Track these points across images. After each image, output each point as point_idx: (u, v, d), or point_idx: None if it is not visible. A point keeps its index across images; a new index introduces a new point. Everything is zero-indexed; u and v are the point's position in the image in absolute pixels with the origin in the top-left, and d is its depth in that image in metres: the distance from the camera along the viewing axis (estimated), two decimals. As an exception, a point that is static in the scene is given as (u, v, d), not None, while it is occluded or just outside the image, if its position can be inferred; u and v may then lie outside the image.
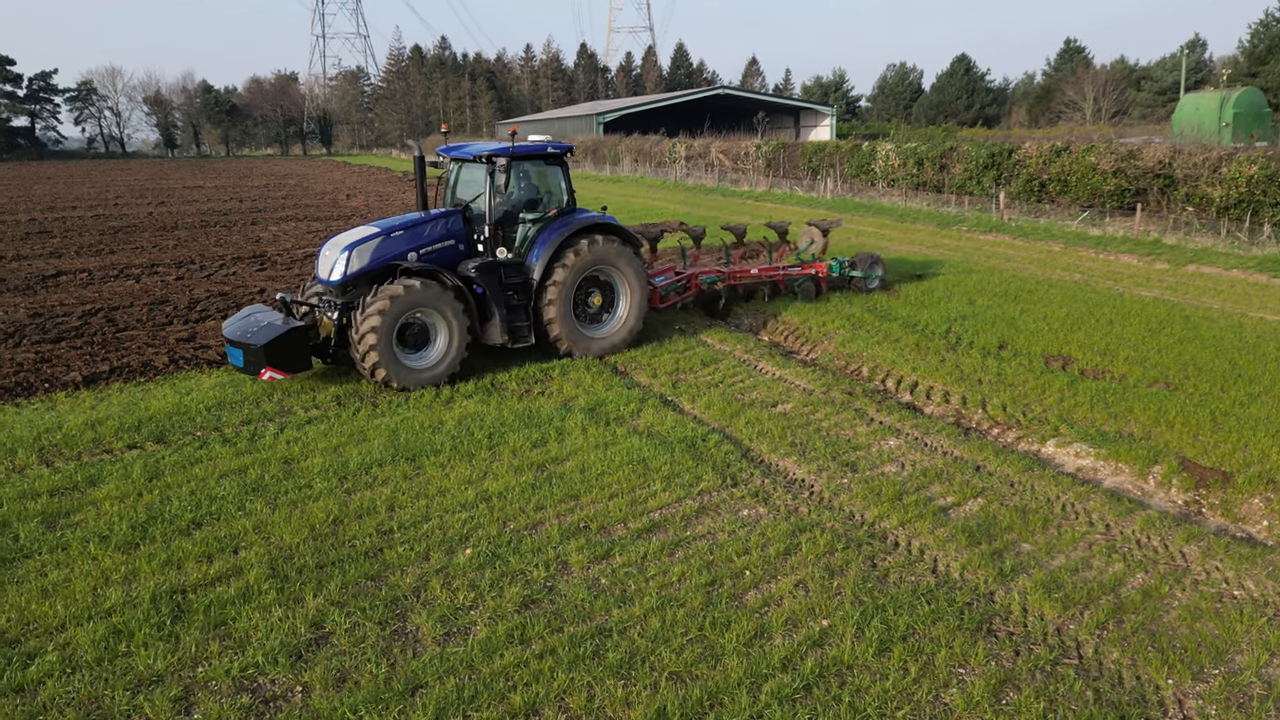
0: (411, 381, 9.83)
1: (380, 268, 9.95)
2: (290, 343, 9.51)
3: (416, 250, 10.25)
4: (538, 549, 6.36)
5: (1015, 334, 11.88)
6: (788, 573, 6.04)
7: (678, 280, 13.51)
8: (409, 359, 9.91)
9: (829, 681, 4.87)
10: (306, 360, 9.72)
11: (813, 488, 7.51)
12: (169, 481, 7.46)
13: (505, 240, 10.87)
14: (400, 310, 9.57)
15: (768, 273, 14.37)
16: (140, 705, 4.67)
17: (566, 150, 11.29)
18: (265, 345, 9.35)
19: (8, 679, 4.83)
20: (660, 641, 5.24)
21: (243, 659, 5.04)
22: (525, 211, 11.05)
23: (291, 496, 7.18)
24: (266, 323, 9.79)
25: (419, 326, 9.94)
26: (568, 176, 11.39)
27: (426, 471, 7.74)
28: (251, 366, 9.52)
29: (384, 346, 9.50)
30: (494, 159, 10.44)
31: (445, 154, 11.31)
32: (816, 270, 14.60)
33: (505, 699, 4.75)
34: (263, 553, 6.24)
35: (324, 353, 9.99)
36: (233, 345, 9.71)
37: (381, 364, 9.53)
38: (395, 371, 9.66)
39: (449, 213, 10.69)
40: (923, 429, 8.84)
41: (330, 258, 10.04)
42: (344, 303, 9.89)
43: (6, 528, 6.62)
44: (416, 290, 9.65)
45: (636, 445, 8.21)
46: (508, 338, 10.58)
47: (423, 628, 5.41)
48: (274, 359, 9.41)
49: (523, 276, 10.72)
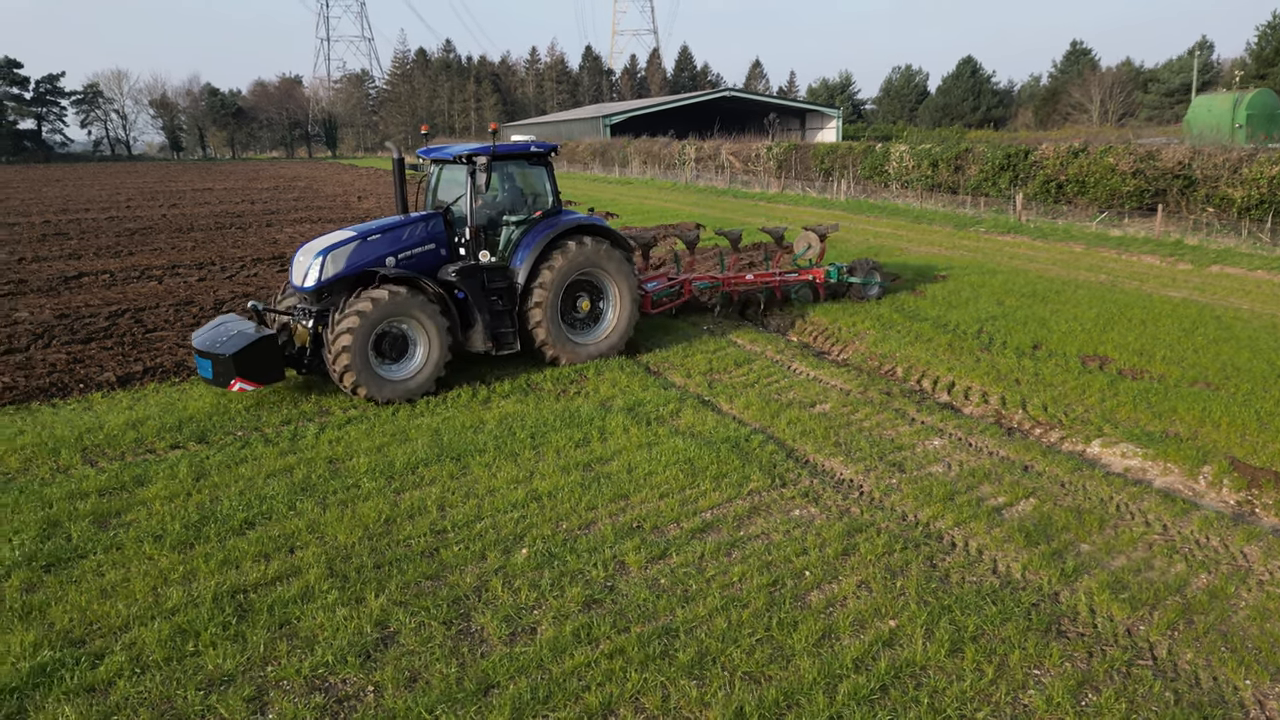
0: (389, 394, 9.34)
1: (356, 273, 9.51)
2: (261, 352, 9.04)
3: (395, 255, 9.81)
4: (593, 549, 6.32)
5: (1048, 334, 11.83)
6: (848, 573, 5.99)
7: (671, 285, 13.23)
8: (386, 370, 9.43)
9: (904, 682, 4.82)
10: (279, 371, 9.29)
11: (861, 488, 7.46)
12: (216, 481, 7.44)
13: (489, 243, 10.46)
14: (376, 319, 9.12)
15: (764, 279, 13.95)
16: (214, 705, 4.63)
17: (550, 150, 10.92)
18: (234, 355, 8.84)
19: (77, 679, 4.80)
20: (729, 642, 5.19)
21: (312, 659, 5.00)
22: (509, 214, 10.67)
23: (341, 496, 7.15)
24: (236, 332, 9.29)
25: (397, 336, 9.46)
26: (553, 177, 11.03)
27: (473, 471, 7.70)
28: (220, 378, 9.02)
29: (359, 358, 9.06)
30: (474, 159, 10.03)
31: (425, 156, 10.99)
32: (814, 276, 14.21)
33: (579, 699, 4.71)
34: (319, 552, 6.21)
35: (299, 363, 9.54)
36: (201, 356, 9.19)
37: (356, 376, 9.08)
38: (371, 384, 9.20)
39: (429, 215, 10.32)
40: (965, 429, 8.79)
41: (304, 263, 9.59)
42: (318, 310, 9.44)
43: (58, 528, 6.59)
44: (393, 298, 9.18)
45: (681, 445, 8.17)
46: (491, 345, 10.16)
47: (487, 627, 5.37)
48: (244, 369, 8.93)
49: (507, 281, 10.30)
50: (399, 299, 9.24)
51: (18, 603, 5.56)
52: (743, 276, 13.87)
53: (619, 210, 30.00)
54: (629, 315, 11.23)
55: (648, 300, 12.44)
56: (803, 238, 15.39)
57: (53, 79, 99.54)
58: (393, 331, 9.42)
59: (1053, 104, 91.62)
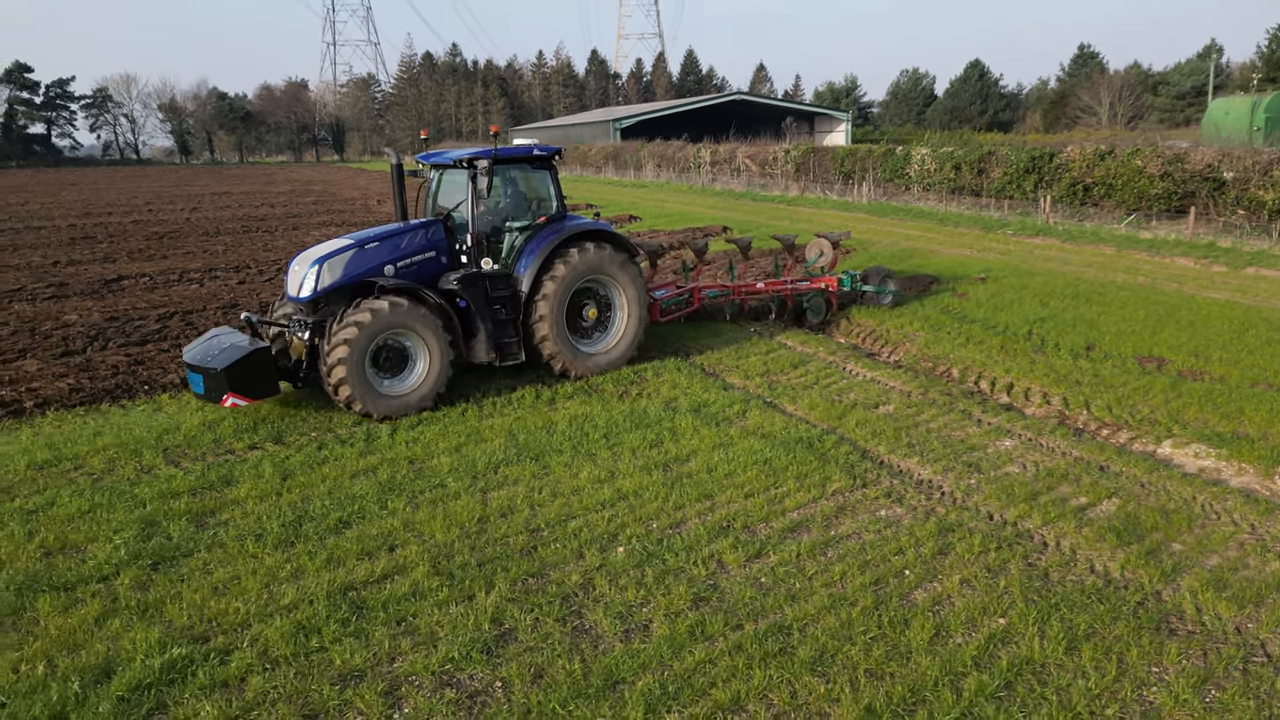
0: (389, 410, 8.98)
1: (354, 283, 9.21)
2: (254, 366, 8.64)
3: (394, 263, 9.50)
4: (689, 547, 6.37)
5: (1100, 336, 11.86)
6: (948, 572, 6.03)
7: (680, 293, 12.93)
8: (385, 385, 9.08)
9: (1028, 680, 4.86)
10: (273, 385, 8.91)
11: (942, 488, 7.50)
12: (303, 481, 7.50)
13: (491, 250, 10.12)
14: (374, 332, 8.79)
15: (775, 287, 13.61)
16: (350, 699, 4.69)
17: (554, 154, 10.60)
18: (226, 369, 8.47)
19: (209, 675, 4.86)
20: (844, 640, 5.24)
21: (437, 655, 5.05)
22: (512, 219, 10.35)
23: (430, 496, 7.21)
24: (229, 345, 8.92)
25: (396, 349, 9.11)
26: (557, 181, 10.68)
27: (554, 471, 7.76)
28: (212, 393, 8.66)
29: (355, 372, 8.72)
30: (475, 163, 9.71)
31: (424, 161, 10.66)
32: (826, 285, 13.76)
33: (707, 694, 4.75)
34: (420, 551, 6.26)
35: (294, 376, 9.23)
36: (193, 370, 8.82)
37: (353, 391, 8.74)
38: (369, 399, 8.85)
39: (429, 222, 10.01)
40: (1034, 430, 8.83)
41: (299, 273, 9.27)
42: (315, 322, 9.09)
43: (157, 526, 6.66)
44: (392, 310, 8.85)
45: (756, 446, 8.22)
46: (495, 355, 9.83)
47: (601, 624, 5.42)
48: (236, 384, 8.54)
49: (510, 289, 9.96)
50: (398, 311, 8.90)
51: (133, 600, 5.62)
52: (753, 285, 13.62)
53: (640, 213, 30.08)
54: (637, 324, 10.89)
55: (656, 308, 12.21)
56: (814, 245, 15.01)
57: (63, 83, 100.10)
58: (392, 345, 9.07)
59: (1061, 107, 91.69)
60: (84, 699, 4.64)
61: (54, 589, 5.73)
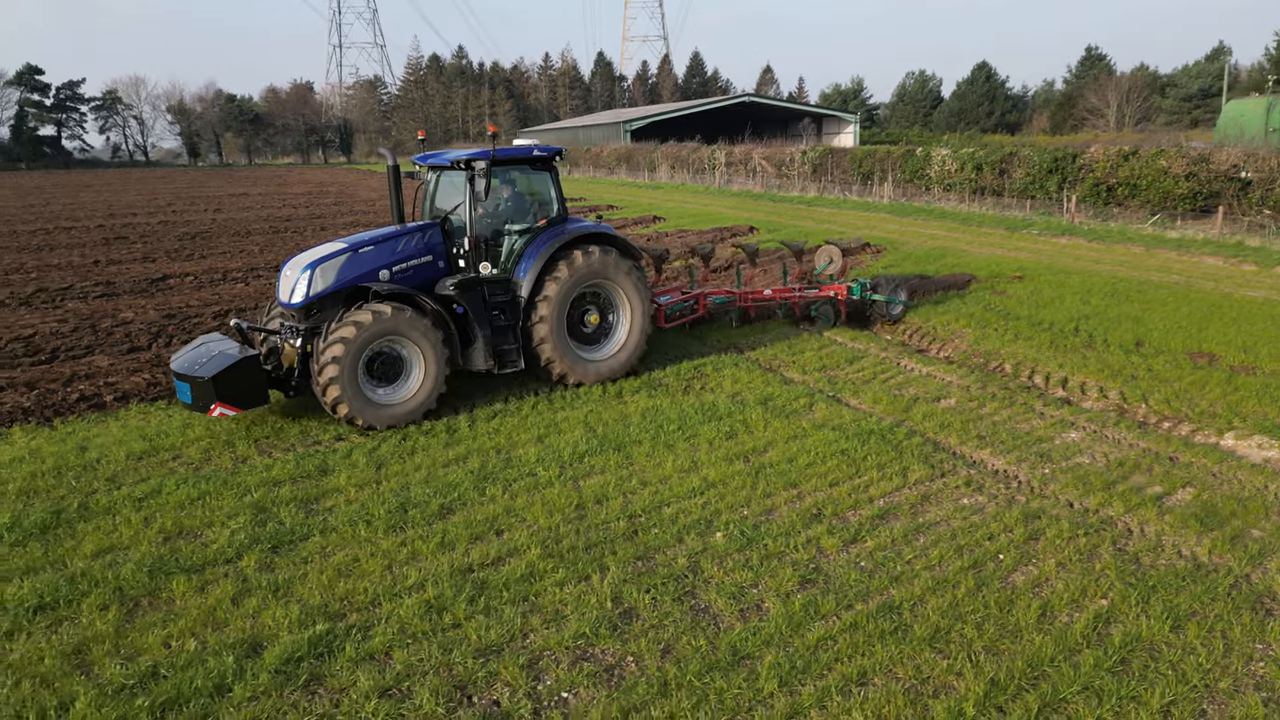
0: (382, 420, 8.69)
1: (348, 288, 8.93)
2: (241, 374, 8.36)
3: (389, 268, 9.22)
4: (785, 533, 6.56)
5: (1148, 332, 12.06)
6: (1042, 556, 6.22)
7: (685, 300, 12.76)
8: (379, 394, 8.80)
9: (1141, 655, 5.05)
10: (262, 394, 8.61)
11: (1018, 478, 7.69)
12: (396, 470, 7.71)
13: (490, 254, 9.82)
14: (367, 340, 8.52)
15: (782, 294, 13.41)
16: (494, 671, 4.89)
17: (554, 154, 10.27)
18: (213, 378, 8.19)
19: (355, 649, 5.06)
20: (954, 619, 5.43)
21: (569, 631, 5.26)
22: (511, 223, 10.03)
23: (523, 484, 7.41)
24: (218, 353, 8.66)
25: (390, 357, 8.84)
26: (558, 183, 10.40)
27: (637, 461, 7.96)
28: (200, 403, 8.35)
29: (348, 381, 8.43)
30: (472, 164, 9.38)
31: (421, 162, 10.35)
32: (835, 292, 13.40)
33: (832, 669, 4.95)
34: (528, 535, 6.46)
35: (286, 385, 8.94)
36: (180, 379, 8.54)
37: (345, 400, 8.44)
38: (361, 409, 8.56)
39: (426, 226, 9.71)
40: (1098, 423, 9.02)
41: (291, 278, 9.01)
42: (307, 328, 8.86)
43: (267, 512, 6.87)
44: (385, 317, 8.56)
45: (830, 437, 8.42)
46: (493, 363, 9.51)
47: (716, 603, 5.62)
48: (224, 393, 8.27)
49: (509, 294, 9.70)
50: (391, 319, 8.61)
51: (262, 581, 5.83)
52: (760, 292, 13.43)
53: (663, 214, 30.29)
54: (641, 330, 10.55)
55: (661, 314, 11.97)
56: (824, 251, 14.67)
57: (73, 85, 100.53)
58: (386, 352, 8.81)
59: (1068, 109, 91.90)
60: (240, 671, 4.84)
61: (184, 571, 5.94)
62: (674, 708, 4.60)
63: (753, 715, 4.56)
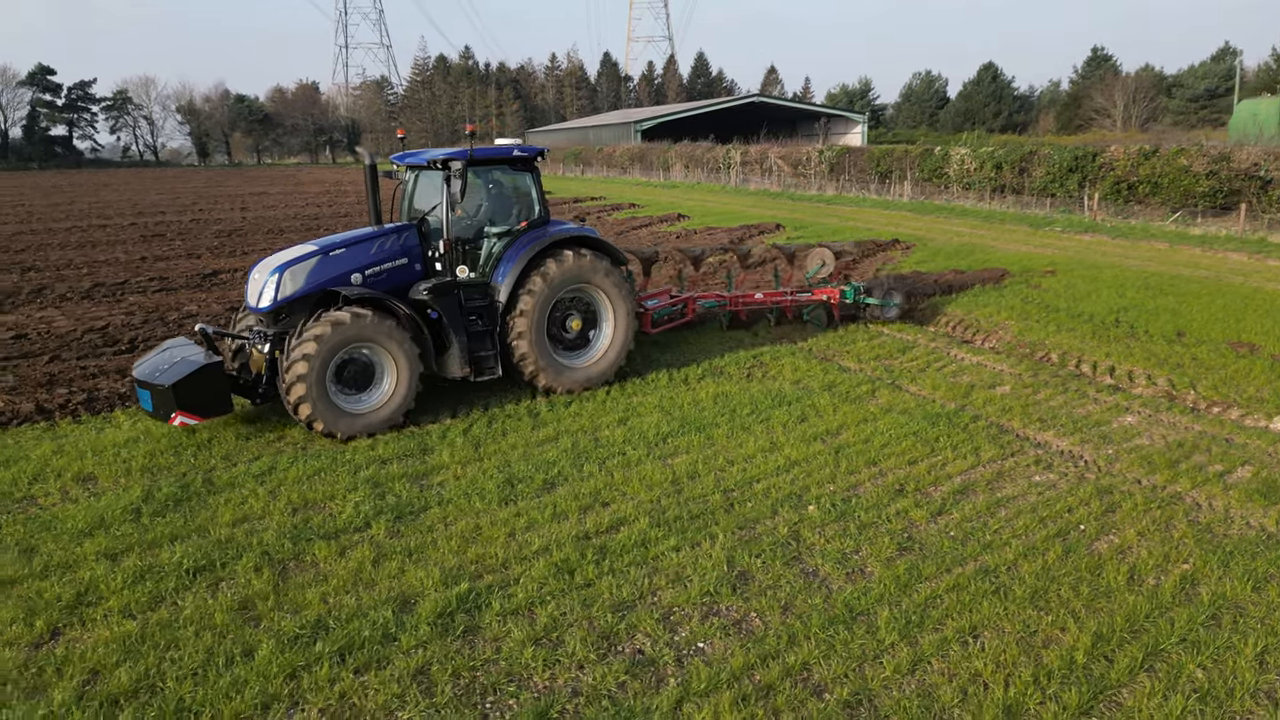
0: (352, 429, 8.39)
1: (317, 292, 8.65)
2: (202, 382, 8.05)
3: (362, 271, 8.91)
4: (874, 506, 6.95)
5: (1187, 323, 12.44)
6: (1121, 526, 6.61)
7: (674, 304, 12.46)
8: (349, 402, 8.50)
9: (1230, 613, 5.44)
10: (225, 402, 8.32)
11: (1084, 458, 8.08)
12: (493, 449, 8.12)
13: (469, 257, 9.50)
14: (336, 346, 8.23)
15: (774, 298, 13.17)
16: (633, 624, 5.29)
17: (536, 154, 9.99)
18: (173, 385, 7.91)
19: (502, 604, 5.46)
20: (1049, 580, 5.82)
21: (694, 589, 5.65)
22: (491, 225, 9.72)
23: (616, 461, 7.81)
24: (180, 359, 8.36)
25: (362, 364, 8.56)
26: (539, 184, 10.10)
27: (718, 441, 8.35)
28: (160, 411, 8.08)
29: (315, 389, 8.13)
30: (448, 164, 9.10)
31: (399, 161, 10.11)
32: (829, 296, 13.22)
33: (944, 624, 5.34)
34: (631, 507, 6.86)
35: (254, 391, 8.70)
36: (140, 386, 8.28)
37: (312, 409, 8.15)
38: (329, 417, 8.25)
39: (402, 227, 9.39)
40: (1151, 407, 9.40)
41: (259, 281, 8.73)
42: (275, 333, 8.59)
43: (383, 487, 7.27)
44: (355, 322, 8.28)
45: (900, 420, 8.81)
46: (470, 370, 9.22)
47: (823, 567, 6.01)
48: (184, 401, 7.98)
49: (487, 299, 9.42)
50: (362, 323, 8.33)
51: (396, 546, 6.23)
52: (751, 296, 13.23)
53: (686, 212, 30.68)
54: (625, 336, 10.24)
55: (647, 319, 11.70)
56: (815, 254, 14.49)
57: (84, 85, 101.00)
58: (357, 359, 8.54)
59: (1074, 109, 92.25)
60: (400, 623, 5.24)
61: (321, 537, 6.33)
62: (806, 655, 4.99)
63: (880, 663, 4.95)
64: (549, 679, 4.80)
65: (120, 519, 6.62)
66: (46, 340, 12.10)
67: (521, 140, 11.47)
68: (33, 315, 13.98)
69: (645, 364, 11.13)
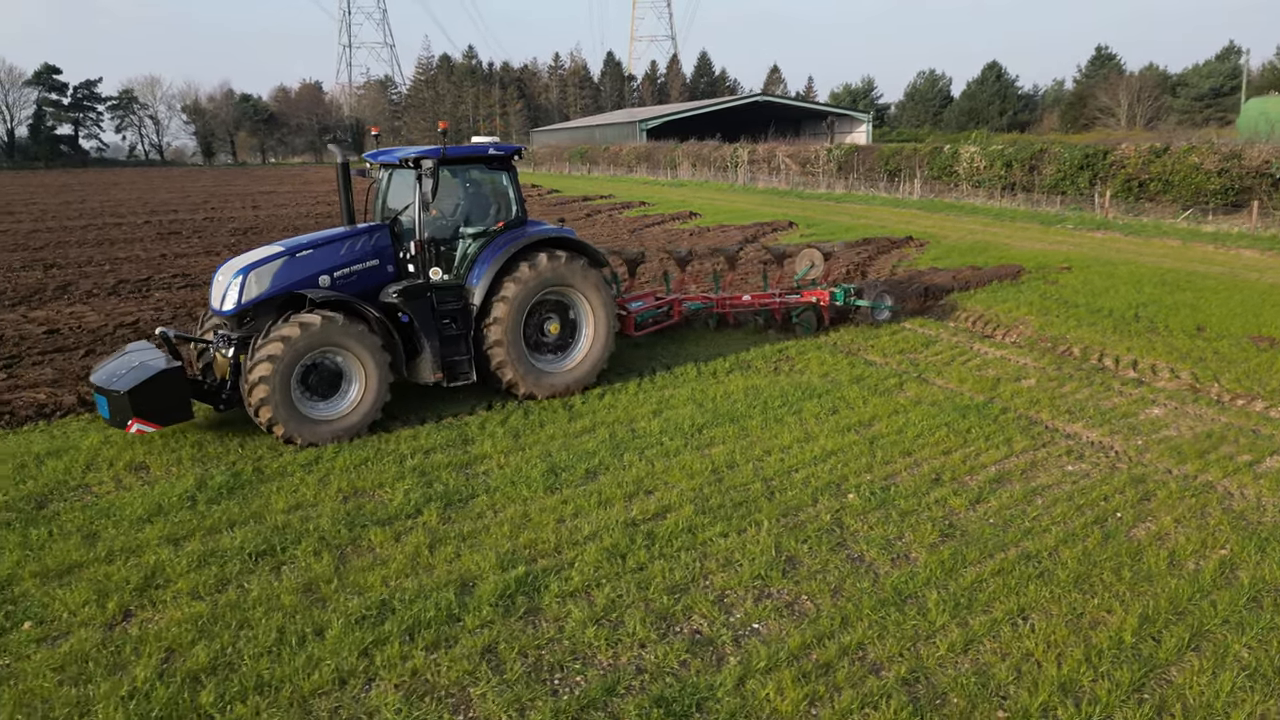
0: (314, 436, 8.12)
1: (284, 294, 8.40)
2: (160, 388, 7.82)
3: (330, 273, 8.63)
4: (913, 494, 7.08)
5: (1206, 318, 12.56)
6: (1157, 513, 6.74)
7: (658, 306, 12.23)
8: (315, 408, 8.24)
9: (1270, 594, 5.55)
10: (184, 408, 8.07)
11: (1114, 448, 8.20)
12: (532, 440, 8.26)
13: (443, 259, 9.19)
14: (301, 351, 7.98)
15: (762, 300, 12.94)
16: (688, 605, 5.42)
17: (513, 153, 9.71)
18: (129, 392, 7.68)
19: (559, 586, 5.60)
20: (1090, 565, 5.94)
21: (745, 573, 5.78)
22: (466, 225, 9.42)
23: (655, 451, 7.94)
24: (139, 364, 8.12)
25: (329, 369, 8.29)
26: (516, 183, 9.78)
27: (752, 432, 8.48)
28: (117, 418, 7.86)
29: (279, 396, 7.88)
30: (420, 162, 8.85)
31: (372, 159, 9.91)
32: (818, 298, 12.93)
33: (992, 607, 5.46)
34: (677, 495, 6.99)
35: (217, 397, 8.40)
36: (98, 393, 8.06)
37: (274, 413, 7.89)
38: (292, 423, 8.00)
39: (373, 228, 9.16)
40: (1177, 399, 9.53)
41: (222, 283, 8.50)
42: (240, 337, 8.28)
43: (429, 475, 7.42)
44: (318, 327, 8.02)
45: (930, 412, 8.94)
46: (442, 375, 9.00)
47: (868, 553, 6.14)
48: (141, 408, 7.72)
49: (461, 301, 9.13)
50: (327, 328, 8.07)
51: (450, 532, 6.37)
52: (738, 297, 13.03)
53: (697, 210, 30.81)
54: (605, 340, 9.98)
55: (630, 322, 11.46)
56: (804, 255, 14.29)
57: (90, 84, 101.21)
58: (324, 364, 8.27)
59: (1079, 108, 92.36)
60: (463, 604, 5.38)
61: (375, 524, 6.48)
62: (860, 636, 5.12)
63: (933, 643, 5.08)
64: (612, 657, 4.94)
65: (177, 506, 6.77)
66: (80, 335, 12.26)
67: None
68: (62, 311, 14.15)
69: (675, 357, 11.26)
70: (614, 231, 25.16)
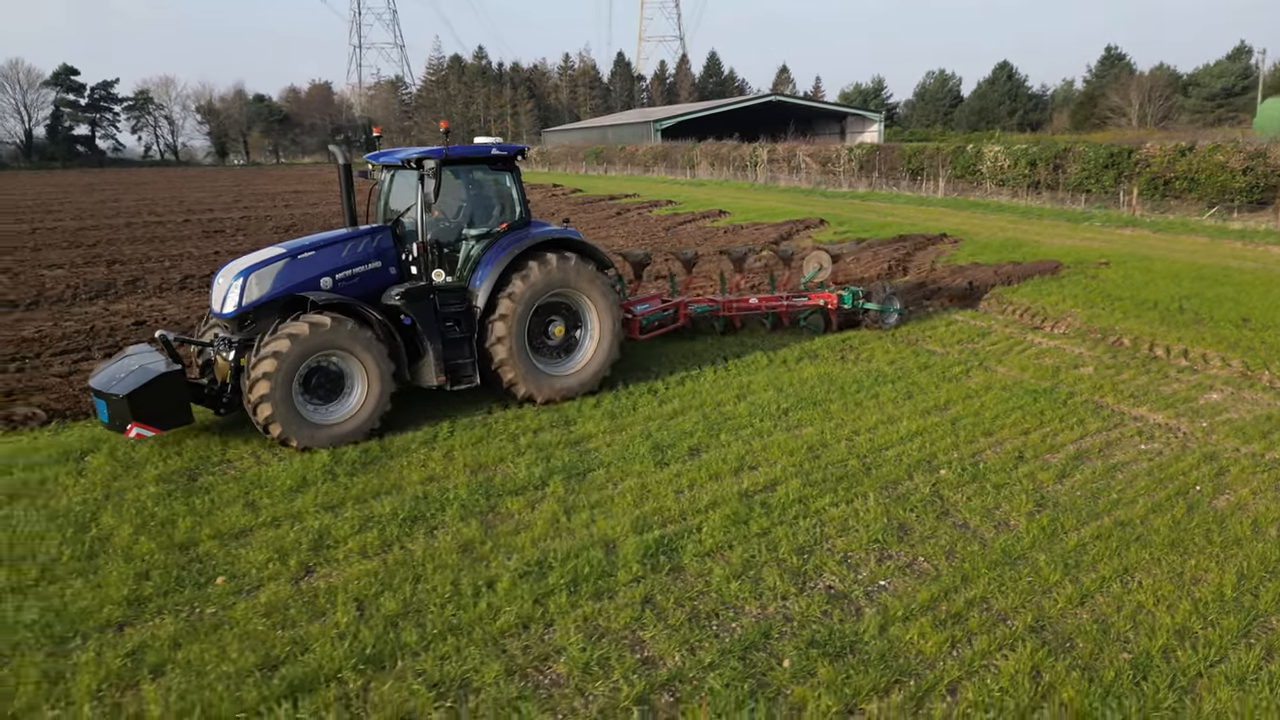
0: (312, 440, 8.04)
1: (284, 297, 8.36)
2: (159, 392, 7.80)
3: (332, 275, 8.58)
4: (1001, 469, 7.54)
5: (1250, 310, 12.99)
6: (1235, 486, 7.19)
7: (665, 309, 12.13)
8: (316, 412, 8.18)
9: (1352, 556, 6.03)
10: (184, 412, 8.05)
11: (1180, 429, 8.65)
12: (629, 421, 8.75)
13: (446, 261, 9.11)
14: (302, 354, 7.94)
15: (769, 303, 12.82)
16: (818, 565, 5.90)
17: (516, 153, 9.57)
18: (128, 396, 7.66)
19: (695, 547, 6.09)
20: (1180, 531, 6.40)
21: (862, 538, 6.26)
22: (469, 227, 9.35)
23: (748, 432, 8.42)
24: (138, 367, 8.11)
25: (331, 372, 8.24)
26: (519, 184, 9.72)
27: (836, 415, 8.96)
28: (116, 422, 7.83)
29: (280, 400, 7.84)
30: (422, 163, 8.77)
31: (374, 160, 9.80)
32: (826, 301, 12.83)
33: (1097, 566, 5.92)
34: (780, 470, 7.46)
35: (217, 401, 8.33)
36: (97, 396, 8.01)
37: (272, 411, 7.82)
38: (293, 427, 7.94)
39: (376, 229, 9.10)
40: (1233, 385, 9.97)
41: (223, 286, 8.47)
42: (240, 340, 8.24)
43: (545, 451, 7.91)
44: (320, 330, 7.98)
45: (1002, 396, 9.41)
46: (445, 379, 8.89)
47: (971, 520, 6.60)
48: (140, 412, 7.72)
49: (465, 304, 9.05)
50: (330, 329, 8.04)
51: (579, 501, 6.86)
52: (745, 300, 12.95)
53: (724, 209, 31.27)
54: (610, 343, 9.86)
55: (636, 325, 11.35)
56: (813, 257, 14.24)
57: (106, 85, 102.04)
58: (326, 367, 8.21)
59: (1089, 108, 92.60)
60: (613, 562, 5.86)
61: (508, 494, 6.97)
62: (981, 591, 5.59)
63: (1051, 596, 5.54)
64: (759, 607, 5.41)
65: (320, 478, 7.28)
66: (168, 326, 12.75)
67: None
68: (142, 304, 14.68)
69: (745, 347, 11.73)
70: (649, 230, 25.64)
